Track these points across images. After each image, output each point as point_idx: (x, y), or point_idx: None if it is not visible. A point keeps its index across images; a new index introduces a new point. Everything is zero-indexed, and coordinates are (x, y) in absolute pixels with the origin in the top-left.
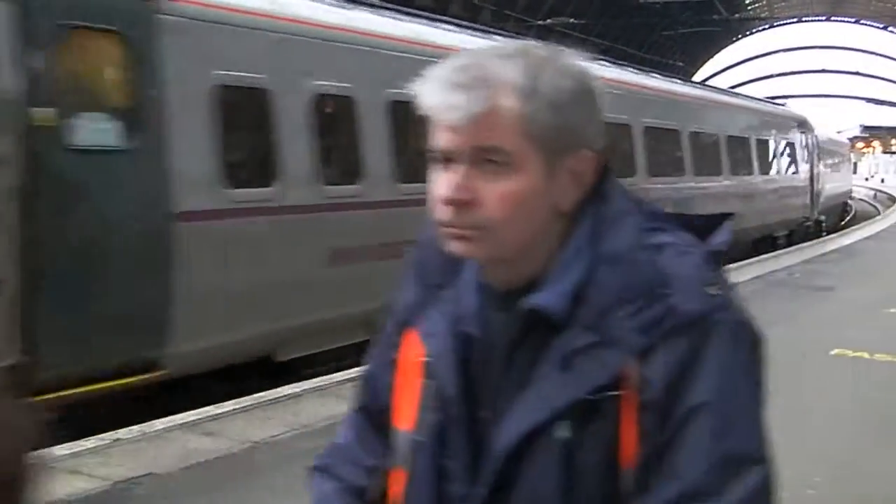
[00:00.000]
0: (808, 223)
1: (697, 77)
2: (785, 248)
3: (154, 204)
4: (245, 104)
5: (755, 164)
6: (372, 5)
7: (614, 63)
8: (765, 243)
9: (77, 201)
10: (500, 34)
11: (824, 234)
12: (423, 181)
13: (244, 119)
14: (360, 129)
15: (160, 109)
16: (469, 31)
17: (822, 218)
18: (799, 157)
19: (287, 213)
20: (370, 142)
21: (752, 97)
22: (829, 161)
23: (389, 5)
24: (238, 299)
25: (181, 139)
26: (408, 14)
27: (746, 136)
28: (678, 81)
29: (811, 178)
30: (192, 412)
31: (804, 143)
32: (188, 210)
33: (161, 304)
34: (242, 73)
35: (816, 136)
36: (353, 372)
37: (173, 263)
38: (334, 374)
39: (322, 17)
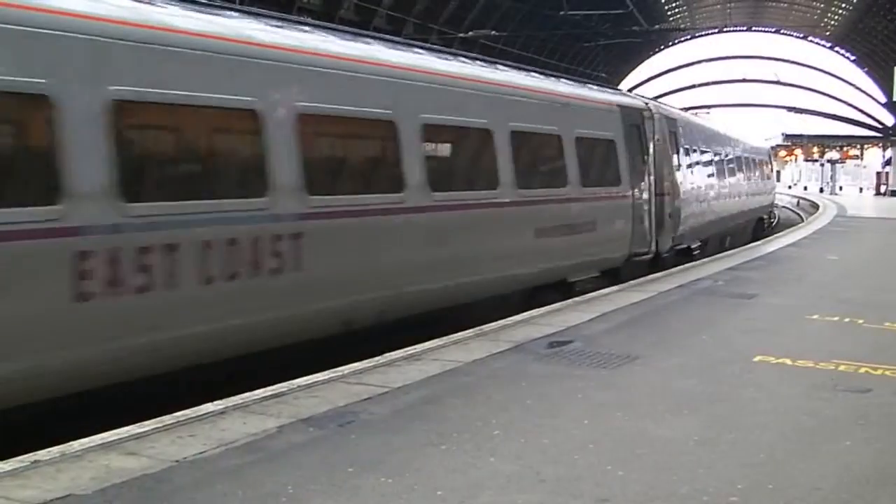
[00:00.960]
0: (647, 256)
1: (621, 87)
2: (598, 290)
3: None
4: None
5: (506, 172)
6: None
7: None
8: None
9: None
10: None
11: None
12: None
13: None
14: None
15: None
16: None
17: (694, 245)
18: (624, 164)
19: None
20: None
21: (531, 70)
22: (728, 169)
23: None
24: None
25: None
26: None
27: (489, 127)
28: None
29: (657, 193)
30: (113, 432)
31: (644, 143)
32: None
33: None
34: None
35: (677, 134)
36: (278, 388)
37: None
38: (257, 391)
39: None
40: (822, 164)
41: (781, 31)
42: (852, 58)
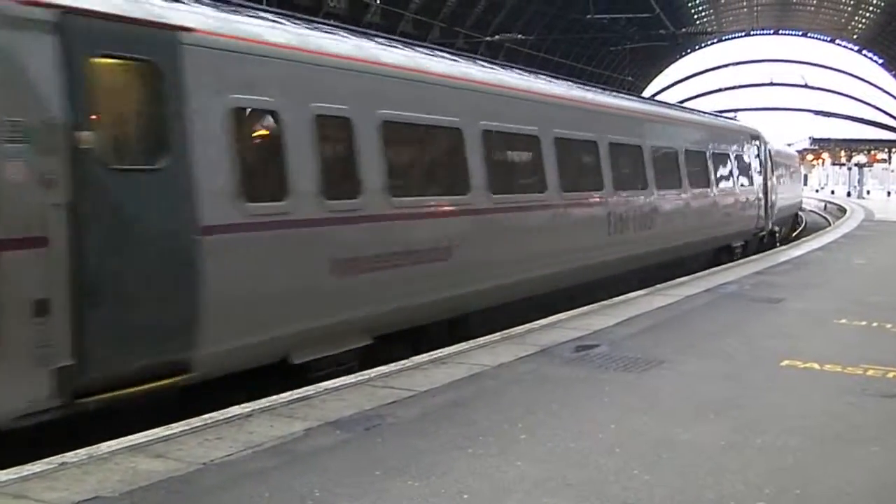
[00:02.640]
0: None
1: (648, 92)
2: None
3: None
4: None
5: None
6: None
7: None
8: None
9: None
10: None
11: None
12: None
13: None
14: None
15: None
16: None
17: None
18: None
19: None
20: None
21: None
22: (580, 172)
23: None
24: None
25: None
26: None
27: None
28: None
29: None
30: (141, 434)
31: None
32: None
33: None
34: None
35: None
36: (305, 391)
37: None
38: (284, 394)
39: None
40: (850, 168)
41: (808, 35)
42: (880, 61)
